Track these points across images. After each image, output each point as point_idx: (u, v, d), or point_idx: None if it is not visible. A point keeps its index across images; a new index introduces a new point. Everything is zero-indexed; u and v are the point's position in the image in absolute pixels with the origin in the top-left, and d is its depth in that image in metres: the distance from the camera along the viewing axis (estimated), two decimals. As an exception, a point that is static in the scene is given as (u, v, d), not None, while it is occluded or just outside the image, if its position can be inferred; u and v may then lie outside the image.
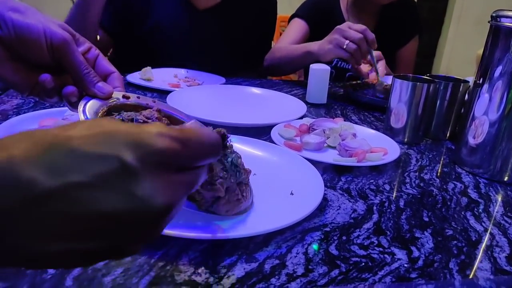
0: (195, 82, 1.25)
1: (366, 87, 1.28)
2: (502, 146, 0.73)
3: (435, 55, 3.67)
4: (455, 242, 0.54)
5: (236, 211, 0.53)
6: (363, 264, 0.48)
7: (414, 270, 0.48)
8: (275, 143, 0.78)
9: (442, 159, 0.84)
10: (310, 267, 0.47)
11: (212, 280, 0.43)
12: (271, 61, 1.48)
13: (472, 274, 0.48)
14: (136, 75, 1.22)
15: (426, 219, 0.59)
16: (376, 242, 0.53)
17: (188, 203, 0.50)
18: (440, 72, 3.53)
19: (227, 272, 0.45)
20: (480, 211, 0.63)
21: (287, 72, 1.72)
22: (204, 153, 0.31)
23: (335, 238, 0.53)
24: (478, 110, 0.76)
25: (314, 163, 0.69)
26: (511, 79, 0.70)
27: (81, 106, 0.49)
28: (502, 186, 0.73)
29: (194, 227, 0.50)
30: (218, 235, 0.48)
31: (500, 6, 0.85)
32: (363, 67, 1.35)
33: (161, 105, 0.57)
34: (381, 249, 0.51)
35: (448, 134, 0.95)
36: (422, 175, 0.75)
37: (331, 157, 0.77)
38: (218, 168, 0.50)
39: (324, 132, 0.85)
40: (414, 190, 0.68)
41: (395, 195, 0.66)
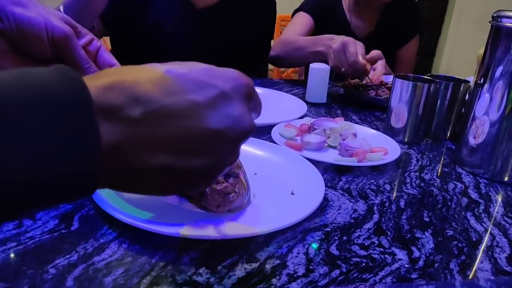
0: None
1: (367, 86, 1.28)
2: (503, 146, 0.73)
3: (435, 54, 3.67)
4: (456, 242, 0.54)
5: (229, 208, 0.51)
6: (363, 264, 0.48)
7: (414, 270, 0.48)
8: (276, 143, 0.78)
9: (443, 159, 0.84)
10: (311, 267, 0.47)
11: (213, 280, 0.43)
12: (279, 52, 1.48)
13: (473, 274, 0.48)
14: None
15: (427, 219, 0.60)
16: (376, 242, 0.53)
17: (183, 200, 0.50)
18: (440, 71, 3.53)
19: (228, 272, 0.45)
20: (481, 211, 0.63)
21: (294, 66, 1.73)
22: (260, 102, 0.38)
23: (336, 238, 0.53)
24: (479, 110, 0.76)
25: (315, 162, 0.69)
26: (512, 79, 0.70)
27: None
28: (502, 186, 0.73)
29: (195, 227, 0.50)
30: (219, 235, 0.48)
31: (500, 5, 0.85)
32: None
33: None
34: (381, 249, 0.51)
35: (448, 134, 0.95)
36: (422, 175, 0.75)
37: (331, 157, 0.77)
38: None
39: (324, 132, 0.85)
40: (414, 190, 0.68)
41: (395, 195, 0.66)
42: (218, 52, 1.41)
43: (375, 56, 1.25)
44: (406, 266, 0.48)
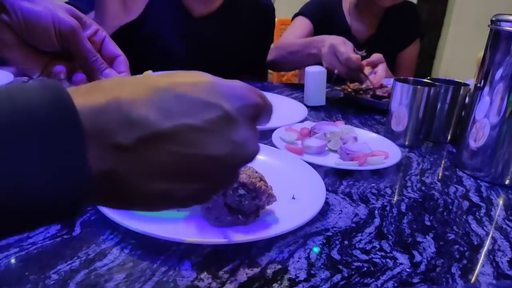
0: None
1: (367, 90, 1.28)
2: (503, 149, 0.73)
3: (435, 57, 3.67)
4: (457, 246, 0.54)
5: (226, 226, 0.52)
6: (365, 269, 0.48)
7: (416, 274, 0.48)
8: (277, 147, 0.78)
9: (443, 162, 0.84)
10: (312, 272, 0.47)
11: (214, 285, 0.43)
12: (275, 57, 1.48)
13: (474, 278, 0.48)
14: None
15: (428, 223, 0.60)
16: (378, 246, 0.53)
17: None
18: (440, 74, 3.53)
19: (229, 277, 0.45)
20: (482, 215, 0.63)
21: (290, 69, 1.73)
22: (271, 108, 0.35)
23: (337, 242, 0.53)
24: (479, 113, 0.76)
25: (316, 167, 0.69)
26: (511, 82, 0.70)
27: None
28: (503, 189, 0.73)
29: (196, 232, 0.50)
30: (220, 240, 0.48)
31: (500, 8, 0.86)
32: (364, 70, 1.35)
33: None
34: (383, 253, 0.51)
35: (449, 137, 0.95)
36: (423, 178, 0.75)
37: (332, 160, 0.77)
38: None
39: (325, 136, 0.85)
40: (415, 194, 0.68)
41: (396, 199, 0.66)
42: (216, 60, 1.41)
43: (376, 60, 1.25)
44: (408, 270, 0.48)
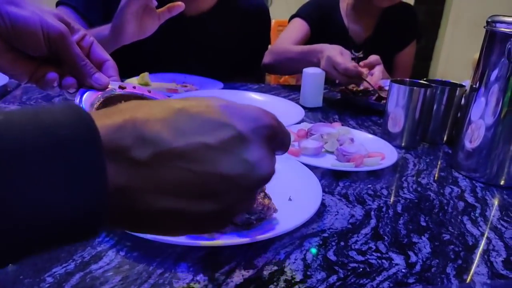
0: (193, 87, 1.25)
1: (364, 92, 1.28)
2: (498, 150, 0.73)
3: (431, 58, 3.68)
4: (452, 246, 0.55)
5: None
6: (361, 269, 0.48)
7: (411, 275, 0.48)
8: (273, 149, 0.78)
9: (439, 163, 0.85)
10: (308, 273, 0.47)
11: (210, 287, 0.44)
12: (270, 60, 1.47)
13: (469, 278, 0.49)
14: (133, 80, 1.22)
15: (424, 224, 0.60)
16: (374, 247, 0.53)
17: None
18: (437, 75, 3.54)
19: (225, 279, 0.45)
20: (477, 215, 0.64)
21: (286, 73, 1.72)
22: (288, 138, 0.35)
23: (333, 243, 0.53)
24: (475, 114, 0.76)
25: (312, 168, 0.69)
26: (507, 83, 0.70)
27: (77, 98, 0.51)
28: (498, 190, 0.73)
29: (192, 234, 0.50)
30: (216, 242, 0.48)
31: (497, 10, 0.86)
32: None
33: (156, 94, 0.58)
34: (379, 254, 0.51)
35: (445, 138, 0.95)
36: (419, 179, 0.75)
37: (329, 162, 0.77)
38: None
39: (322, 137, 0.85)
40: (411, 195, 0.69)
41: (392, 200, 0.67)
42: (210, 61, 1.41)
43: (373, 61, 1.25)
44: (403, 271, 0.49)
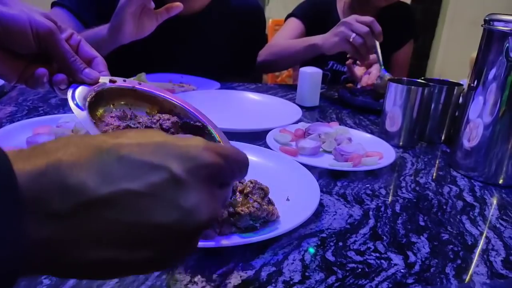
0: (190, 87, 1.25)
1: (361, 91, 1.28)
2: (497, 148, 0.73)
3: (429, 57, 3.69)
4: (451, 246, 0.54)
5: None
6: (359, 270, 0.48)
7: (410, 275, 0.48)
8: (271, 148, 0.78)
9: (437, 162, 0.84)
10: (306, 274, 0.46)
11: (208, 288, 0.43)
12: (266, 56, 1.46)
13: (469, 278, 0.48)
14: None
15: (422, 224, 0.60)
16: (372, 247, 0.53)
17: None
18: (434, 74, 3.54)
19: (223, 280, 0.45)
20: (476, 214, 0.63)
21: (282, 68, 1.71)
22: (239, 170, 0.33)
23: (332, 244, 0.53)
24: (473, 113, 0.76)
25: (310, 168, 0.69)
26: (505, 82, 0.70)
27: (69, 93, 0.51)
28: (497, 189, 0.73)
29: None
30: (214, 243, 0.48)
31: (493, 9, 0.86)
32: (358, 70, 1.35)
33: (146, 86, 0.59)
34: (377, 254, 0.51)
35: (443, 137, 0.95)
36: (417, 179, 0.75)
37: (326, 162, 0.77)
38: None
39: (319, 137, 0.85)
40: (410, 194, 0.68)
41: (391, 199, 0.66)
42: (205, 60, 1.40)
43: (370, 61, 1.25)
44: (402, 271, 0.48)
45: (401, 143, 0.91)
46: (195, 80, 1.31)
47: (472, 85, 0.76)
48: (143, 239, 0.26)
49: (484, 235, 0.58)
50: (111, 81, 0.56)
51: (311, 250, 0.51)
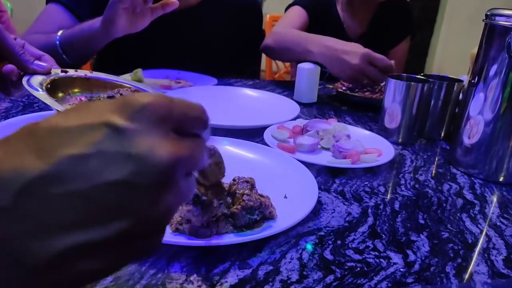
0: (186, 83, 1.24)
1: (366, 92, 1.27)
2: (498, 146, 0.72)
3: (427, 54, 3.68)
4: (451, 245, 0.54)
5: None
6: (358, 269, 0.47)
7: (410, 274, 0.47)
8: (268, 145, 0.77)
9: (437, 159, 0.84)
10: (304, 273, 0.46)
11: (204, 287, 0.42)
12: (270, 44, 1.41)
13: (469, 277, 0.48)
14: (126, 76, 1.21)
15: (422, 222, 0.59)
16: (371, 246, 0.52)
17: None
18: (433, 70, 3.54)
19: (220, 279, 0.44)
20: (476, 212, 0.63)
21: (283, 60, 1.71)
22: (191, 113, 0.28)
23: (330, 242, 0.52)
24: (473, 110, 0.75)
25: (308, 165, 0.68)
26: (506, 78, 0.69)
27: (25, 80, 0.55)
28: (497, 186, 0.73)
29: (185, 233, 0.48)
30: (210, 242, 0.47)
31: (492, 4, 0.85)
32: None
33: (99, 74, 0.65)
34: (376, 253, 0.50)
35: (442, 134, 0.94)
36: (417, 176, 0.74)
37: (325, 159, 0.76)
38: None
39: (317, 134, 0.84)
40: (409, 192, 0.68)
41: (390, 197, 0.66)
42: (201, 56, 1.39)
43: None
44: (402, 270, 0.48)
45: (400, 140, 0.90)
46: (192, 76, 1.30)
47: (472, 81, 0.75)
48: (106, 207, 0.23)
49: (484, 233, 0.57)
50: (63, 71, 0.60)
51: (309, 247, 0.50)
